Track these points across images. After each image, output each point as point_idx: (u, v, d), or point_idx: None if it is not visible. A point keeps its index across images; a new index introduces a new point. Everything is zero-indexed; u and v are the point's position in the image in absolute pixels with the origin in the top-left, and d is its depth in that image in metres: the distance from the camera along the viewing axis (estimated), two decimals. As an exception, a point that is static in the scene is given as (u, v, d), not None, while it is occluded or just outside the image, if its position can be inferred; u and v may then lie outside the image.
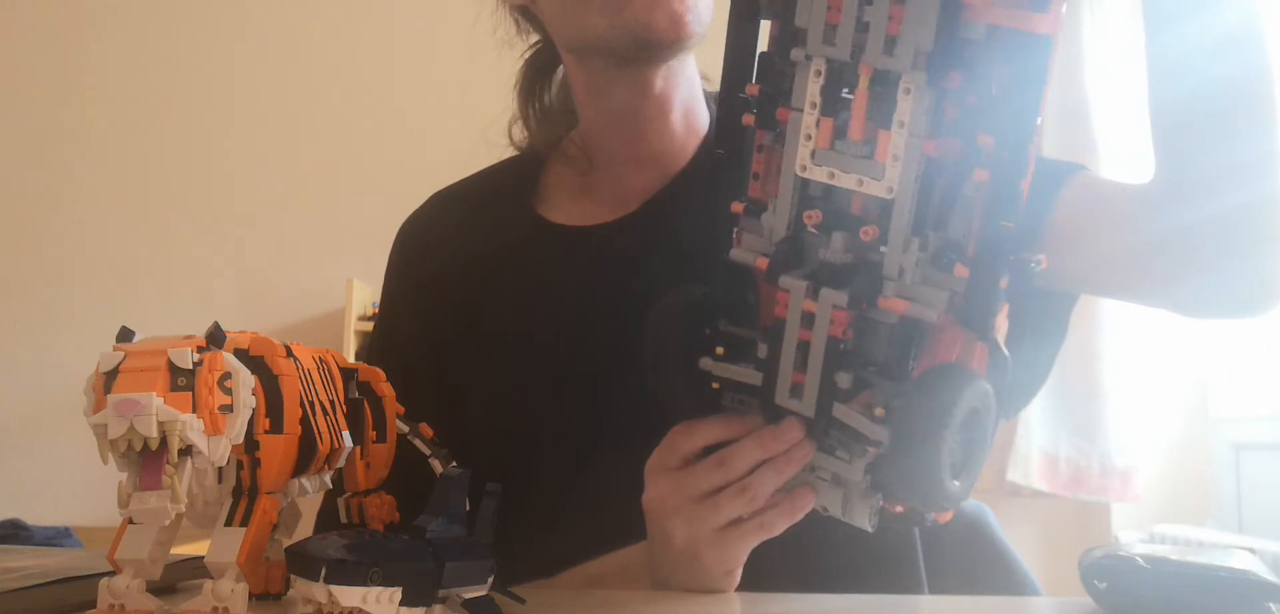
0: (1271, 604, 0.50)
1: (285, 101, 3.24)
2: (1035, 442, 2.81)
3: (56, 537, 2.22)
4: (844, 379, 0.51)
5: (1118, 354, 2.74)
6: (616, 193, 0.79)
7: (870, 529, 0.56)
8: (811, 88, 0.48)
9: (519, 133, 0.85)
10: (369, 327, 2.92)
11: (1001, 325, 0.51)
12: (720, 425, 0.57)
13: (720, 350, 0.54)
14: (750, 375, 0.53)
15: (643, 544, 0.63)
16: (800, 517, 0.57)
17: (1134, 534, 2.74)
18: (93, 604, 0.43)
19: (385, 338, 0.87)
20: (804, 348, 0.51)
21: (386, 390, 0.55)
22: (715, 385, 0.55)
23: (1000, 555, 0.89)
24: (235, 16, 3.27)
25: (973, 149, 0.47)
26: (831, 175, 0.48)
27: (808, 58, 0.48)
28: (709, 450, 0.58)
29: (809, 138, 0.48)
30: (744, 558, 0.59)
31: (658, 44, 0.71)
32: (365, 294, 2.98)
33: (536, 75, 0.84)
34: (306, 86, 3.24)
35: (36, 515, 2.28)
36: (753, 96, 0.51)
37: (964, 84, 0.46)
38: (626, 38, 0.71)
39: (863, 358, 0.51)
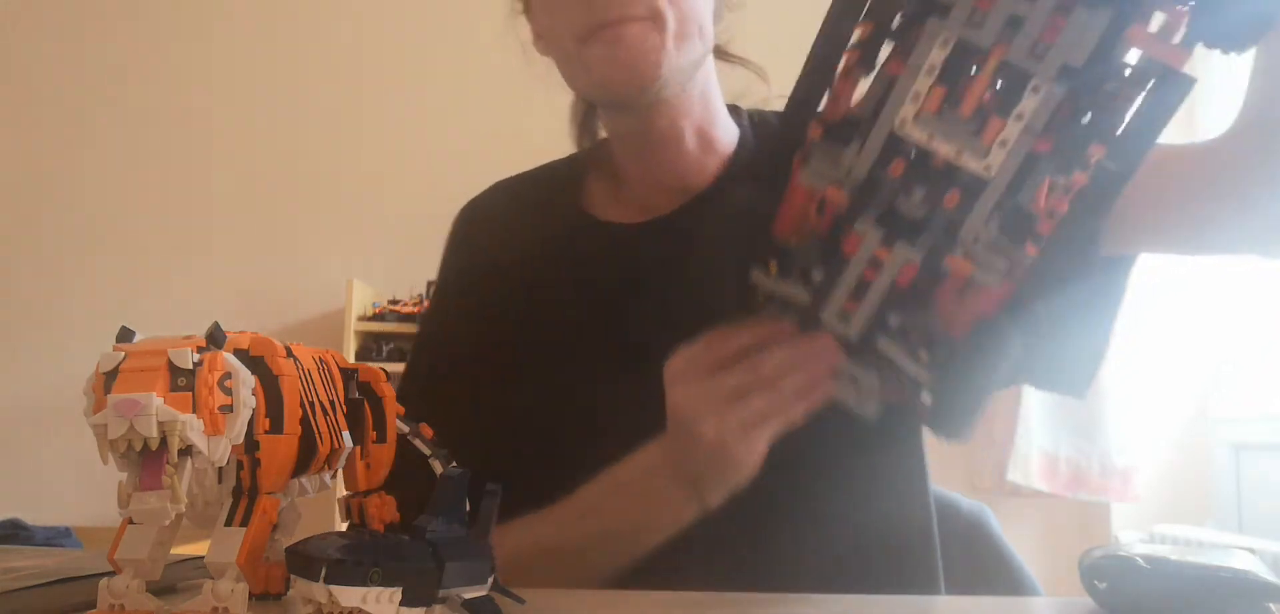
0: (1271, 604, 0.50)
1: (286, 102, 3.24)
2: (1035, 442, 2.81)
3: (56, 537, 2.22)
4: (895, 319, 0.53)
5: (1118, 354, 2.74)
6: (643, 208, 0.83)
7: (872, 417, 0.59)
8: (935, 56, 0.47)
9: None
10: (369, 326, 2.93)
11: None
12: (754, 330, 0.59)
13: (773, 267, 0.55)
14: (800, 295, 0.55)
15: (658, 444, 0.66)
16: (819, 407, 0.60)
17: (1134, 534, 2.75)
18: (93, 604, 0.43)
19: (438, 315, 0.90)
20: (862, 282, 0.53)
21: (386, 390, 0.55)
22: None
23: (1000, 555, 0.90)
24: (236, 17, 3.27)
25: (1077, 150, 0.47)
26: (931, 138, 0.48)
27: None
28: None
29: (917, 99, 0.47)
30: (766, 446, 0.61)
31: (624, 98, 0.76)
32: (365, 294, 2.98)
33: (590, 107, 0.89)
34: (308, 88, 3.24)
35: (36, 515, 2.28)
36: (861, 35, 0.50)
37: (1093, 98, 0.46)
38: (599, 95, 0.80)
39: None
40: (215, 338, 0.42)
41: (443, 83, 3.21)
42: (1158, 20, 0.45)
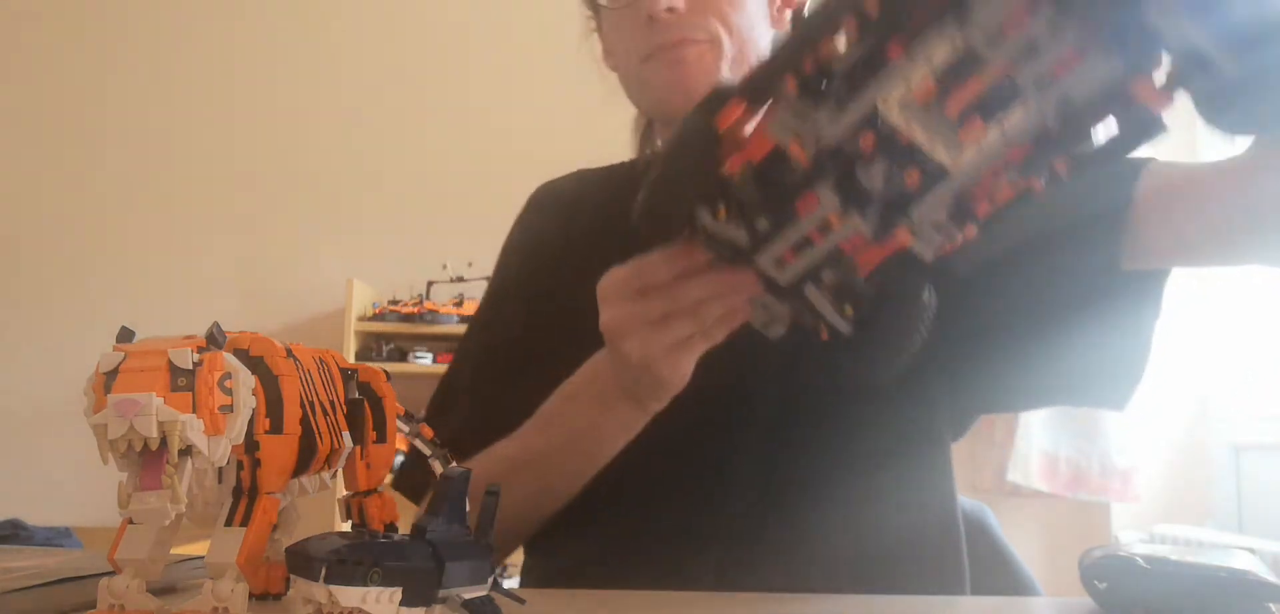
0: (1271, 604, 0.50)
1: (286, 103, 3.24)
2: (1035, 442, 2.81)
3: (56, 537, 2.22)
4: (829, 275, 0.55)
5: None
6: None
7: (774, 338, 0.61)
8: (939, 54, 0.44)
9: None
10: (369, 326, 2.93)
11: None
12: (679, 261, 0.61)
13: (722, 213, 0.55)
14: (739, 238, 0.55)
15: (604, 353, 0.68)
16: (736, 328, 0.62)
17: (1134, 534, 2.75)
18: (93, 604, 0.43)
19: (497, 290, 0.92)
20: (806, 240, 0.53)
21: (386, 390, 0.55)
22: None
23: (1000, 555, 0.90)
24: (237, 18, 3.27)
25: (1043, 162, 0.47)
26: (908, 125, 0.47)
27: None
28: None
29: (907, 87, 0.46)
30: (693, 364, 0.63)
31: (681, 117, 0.76)
32: (365, 294, 2.98)
33: (650, 121, 0.92)
34: (307, 88, 3.24)
35: (36, 515, 2.28)
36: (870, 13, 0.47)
37: (1072, 116, 0.46)
38: (657, 113, 0.83)
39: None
40: (215, 338, 0.42)
41: (443, 84, 3.21)
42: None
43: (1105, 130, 0.46)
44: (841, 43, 0.49)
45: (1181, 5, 0.39)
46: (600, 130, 0.98)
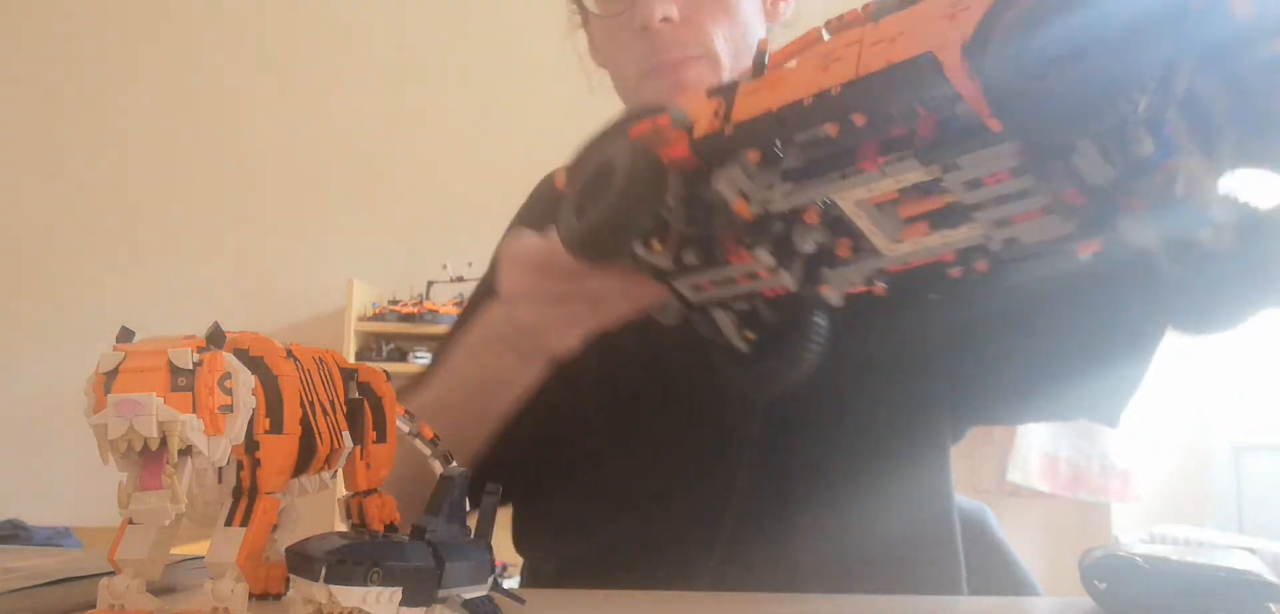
0: (1271, 604, 0.50)
1: (287, 103, 3.24)
2: (1035, 442, 2.81)
3: (56, 537, 2.22)
4: (741, 305, 0.58)
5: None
6: None
7: (673, 323, 0.62)
8: (909, 178, 0.45)
9: None
10: (369, 326, 2.93)
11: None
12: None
13: (658, 247, 0.56)
14: (666, 265, 0.57)
15: (498, 305, 0.68)
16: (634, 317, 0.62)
17: (1134, 534, 2.75)
18: (93, 604, 0.43)
19: (486, 276, 0.91)
20: (730, 280, 0.56)
21: (386, 390, 0.55)
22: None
23: (1000, 555, 0.90)
24: (237, 19, 3.27)
25: (971, 262, 0.49)
26: (857, 215, 0.49)
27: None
28: None
29: (869, 191, 0.47)
30: (580, 338, 0.63)
31: None
32: (365, 294, 2.99)
33: None
34: (308, 89, 3.24)
35: (36, 515, 2.28)
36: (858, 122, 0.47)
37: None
38: None
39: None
40: (215, 338, 0.42)
41: (443, 84, 3.21)
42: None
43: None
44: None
45: (1153, 217, 0.41)
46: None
